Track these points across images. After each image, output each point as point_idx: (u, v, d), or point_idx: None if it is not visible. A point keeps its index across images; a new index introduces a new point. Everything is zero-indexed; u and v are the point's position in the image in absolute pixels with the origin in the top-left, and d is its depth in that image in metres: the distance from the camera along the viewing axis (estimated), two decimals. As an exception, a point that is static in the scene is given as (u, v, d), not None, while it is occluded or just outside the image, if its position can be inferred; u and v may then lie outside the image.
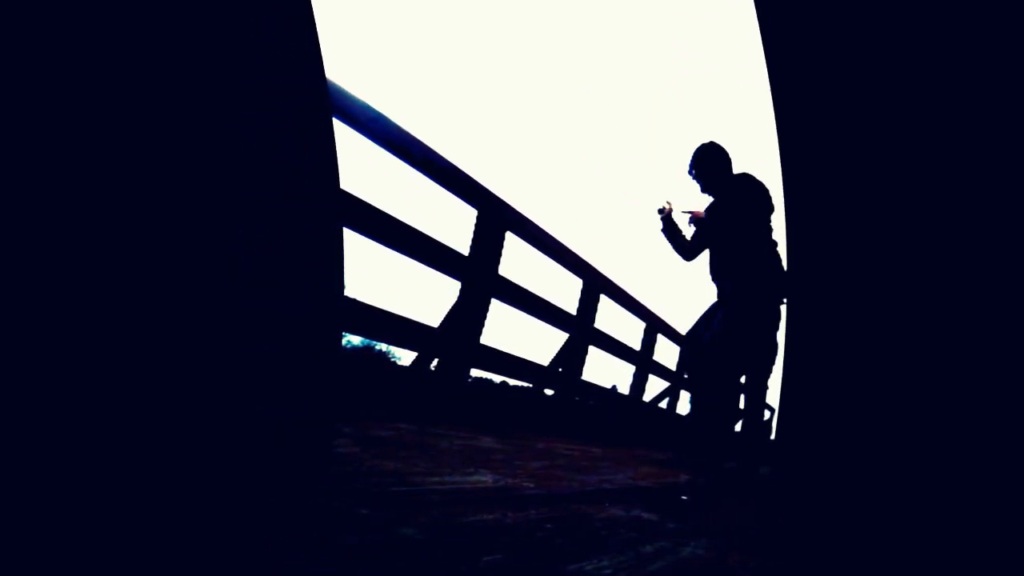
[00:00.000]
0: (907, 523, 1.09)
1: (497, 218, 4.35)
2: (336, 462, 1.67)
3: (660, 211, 4.00)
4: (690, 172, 3.88)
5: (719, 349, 3.74)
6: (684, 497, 2.08)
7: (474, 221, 4.25)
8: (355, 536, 0.98)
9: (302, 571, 0.78)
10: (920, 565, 1.06)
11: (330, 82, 2.48)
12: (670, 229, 3.96)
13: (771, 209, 3.72)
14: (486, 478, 1.88)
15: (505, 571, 0.93)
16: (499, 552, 1.03)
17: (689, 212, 3.93)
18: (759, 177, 3.73)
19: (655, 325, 7.37)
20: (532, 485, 1.89)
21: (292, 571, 0.77)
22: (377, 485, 1.47)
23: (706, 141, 3.88)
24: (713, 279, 3.91)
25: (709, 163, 3.81)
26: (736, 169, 3.86)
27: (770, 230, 3.73)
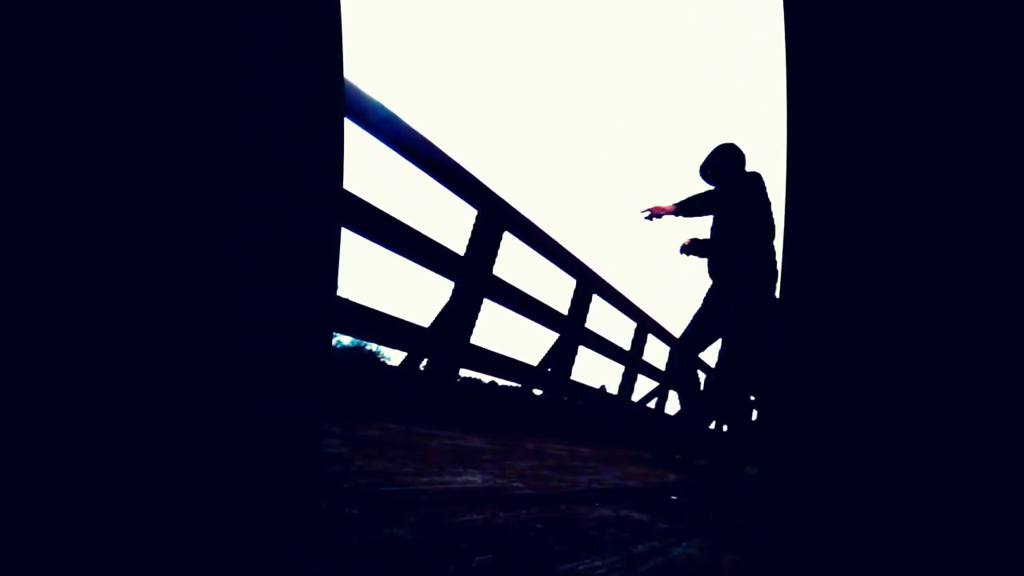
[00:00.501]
0: (905, 524, 1.11)
1: (497, 218, 4.35)
2: (325, 462, 1.67)
3: (683, 250, 4.18)
4: (706, 170, 3.92)
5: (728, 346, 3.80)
6: (674, 497, 2.10)
7: (473, 221, 4.25)
8: (352, 536, 0.99)
9: (302, 571, 0.78)
10: (919, 566, 1.08)
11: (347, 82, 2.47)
12: (699, 250, 4.11)
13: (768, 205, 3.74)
14: (475, 478, 1.89)
15: (499, 571, 0.94)
16: (491, 552, 1.04)
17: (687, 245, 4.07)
18: (764, 178, 3.79)
19: (646, 325, 7.41)
20: (522, 485, 1.89)
21: (292, 571, 0.78)
22: (367, 485, 1.47)
23: (726, 142, 3.93)
24: (712, 277, 3.96)
25: (727, 165, 3.86)
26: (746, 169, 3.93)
27: (772, 228, 3.75)
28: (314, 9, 1.14)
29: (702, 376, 5.00)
